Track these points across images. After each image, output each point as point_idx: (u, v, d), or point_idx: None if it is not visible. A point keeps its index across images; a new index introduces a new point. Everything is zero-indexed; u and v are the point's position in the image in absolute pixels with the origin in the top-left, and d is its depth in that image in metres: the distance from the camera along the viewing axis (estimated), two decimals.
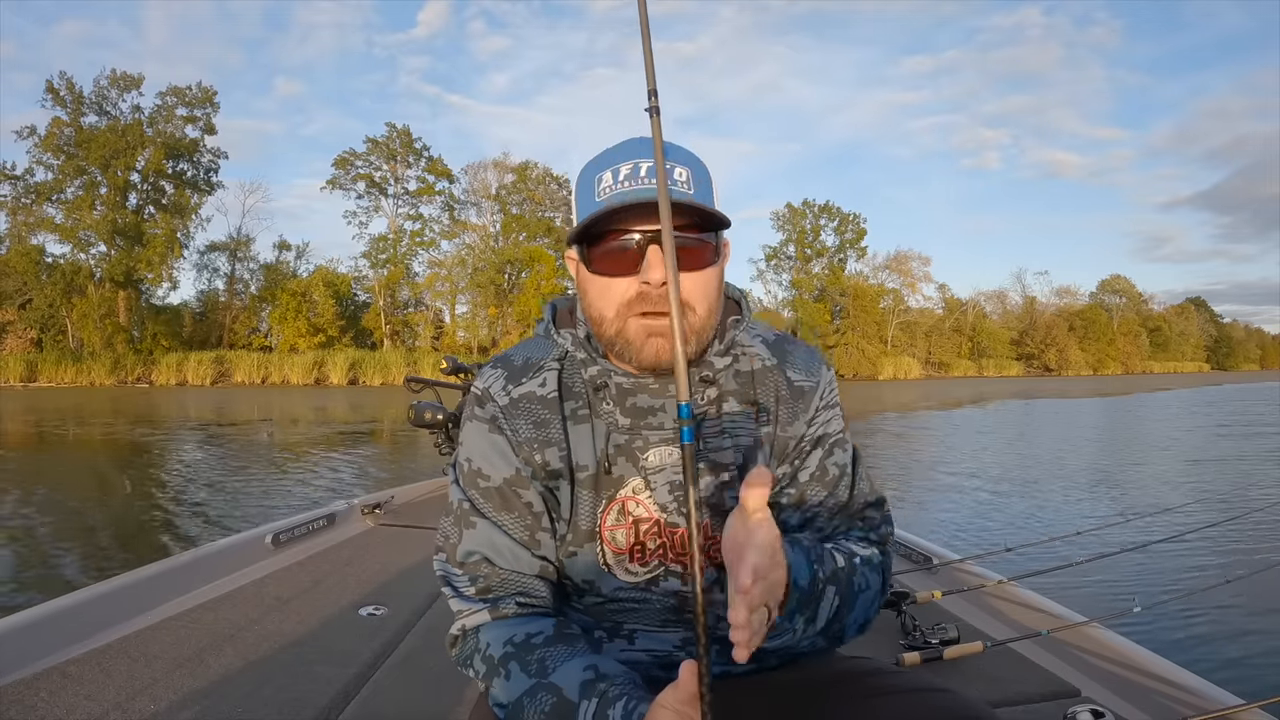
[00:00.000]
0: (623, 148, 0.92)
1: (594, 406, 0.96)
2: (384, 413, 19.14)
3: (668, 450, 0.94)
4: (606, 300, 0.90)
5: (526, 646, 0.87)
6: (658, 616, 0.97)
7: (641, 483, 0.95)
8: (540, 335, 1.02)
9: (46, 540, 5.81)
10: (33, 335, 38.49)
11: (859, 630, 0.96)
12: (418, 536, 3.14)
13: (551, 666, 0.84)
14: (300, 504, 6.99)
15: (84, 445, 12.72)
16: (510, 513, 0.94)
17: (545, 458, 0.95)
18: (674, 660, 0.97)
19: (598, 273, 0.90)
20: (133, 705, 1.63)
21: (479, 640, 0.91)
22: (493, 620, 0.92)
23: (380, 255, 45.54)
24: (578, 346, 0.97)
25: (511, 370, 0.98)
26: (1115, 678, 1.75)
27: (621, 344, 0.91)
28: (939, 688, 0.93)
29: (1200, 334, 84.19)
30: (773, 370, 1.00)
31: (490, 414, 0.96)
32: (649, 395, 0.95)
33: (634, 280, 0.88)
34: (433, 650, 2.02)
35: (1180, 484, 8.51)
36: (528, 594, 0.94)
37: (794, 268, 54.27)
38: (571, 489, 0.95)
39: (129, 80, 40.63)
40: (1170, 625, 3.70)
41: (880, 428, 16.09)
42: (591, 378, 0.96)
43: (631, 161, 0.89)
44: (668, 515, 0.95)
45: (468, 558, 0.94)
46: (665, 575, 0.95)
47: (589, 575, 0.96)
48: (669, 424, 0.94)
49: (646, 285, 0.87)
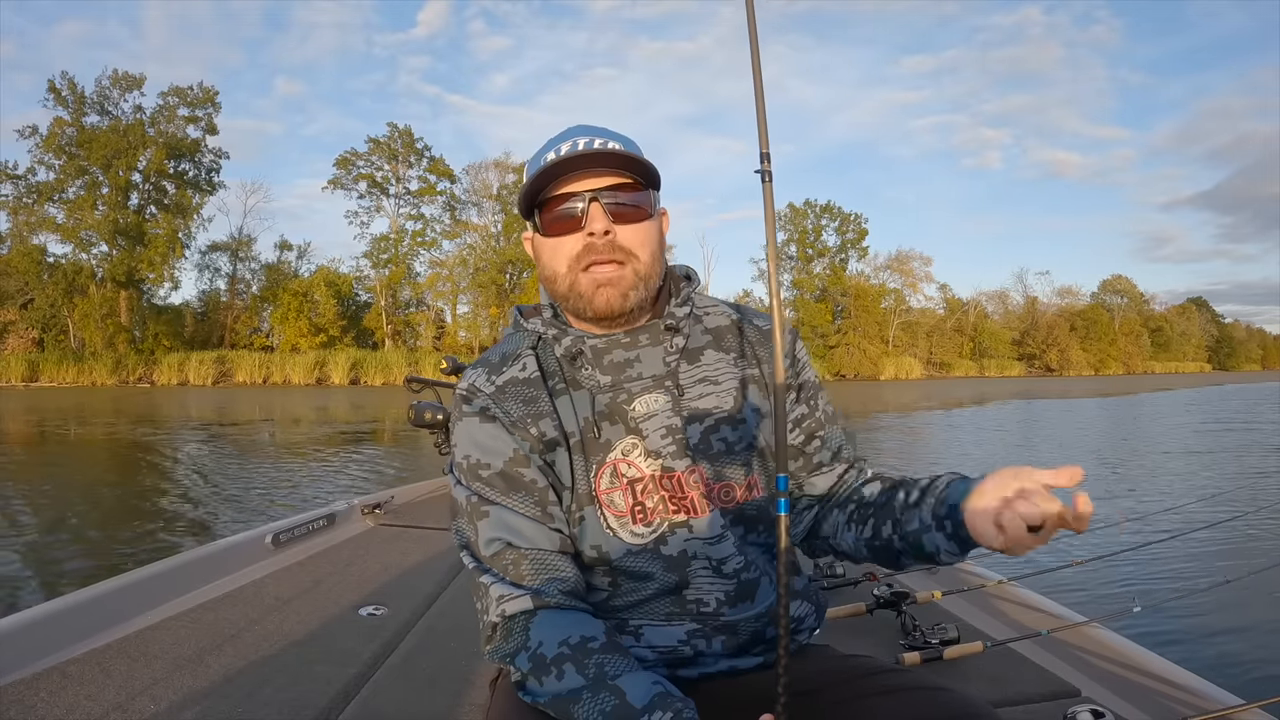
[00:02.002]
0: (564, 132, 1.02)
1: (570, 378, 1.02)
2: (385, 413, 19.15)
3: (652, 397, 1.00)
4: (559, 258, 0.99)
5: (583, 650, 0.87)
6: (663, 608, 0.98)
7: (630, 443, 0.99)
8: (509, 333, 1.09)
9: (47, 540, 5.82)
10: (34, 335, 38.54)
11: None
12: (418, 536, 3.14)
13: (612, 673, 0.85)
14: (301, 504, 6.99)
15: (85, 445, 12.74)
16: (518, 492, 0.97)
17: (541, 429, 0.99)
18: (680, 656, 0.98)
19: (550, 234, 0.99)
20: (133, 705, 1.63)
21: (528, 638, 0.90)
22: (536, 609, 0.92)
23: (382, 255, 45.62)
24: (548, 326, 1.04)
25: (491, 365, 1.04)
26: (1115, 678, 1.75)
27: (574, 298, 0.99)
28: (940, 687, 0.94)
29: (1202, 334, 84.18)
30: (738, 322, 1.11)
31: (479, 406, 1.01)
32: (623, 349, 1.02)
33: (580, 236, 0.97)
34: (433, 650, 2.02)
35: (1180, 484, 8.51)
36: (560, 575, 0.95)
37: (795, 268, 54.25)
38: (570, 456, 0.99)
39: (131, 80, 40.69)
40: (1170, 625, 3.70)
41: (882, 427, 16.08)
42: (566, 349, 1.02)
43: (571, 139, 0.99)
44: (664, 460, 0.99)
45: (490, 547, 0.96)
46: (671, 530, 0.98)
47: (596, 541, 0.98)
48: (646, 373, 1.01)
49: (591, 237, 0.96)
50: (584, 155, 0.96)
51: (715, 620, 0.98)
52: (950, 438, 14.52)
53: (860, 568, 2.45)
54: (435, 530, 3.22)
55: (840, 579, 2.40)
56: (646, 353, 1.01)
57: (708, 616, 0.98)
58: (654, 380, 1.01)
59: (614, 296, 0.97)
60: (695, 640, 0.98)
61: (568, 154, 0.97)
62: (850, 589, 2.36)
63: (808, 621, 1.07)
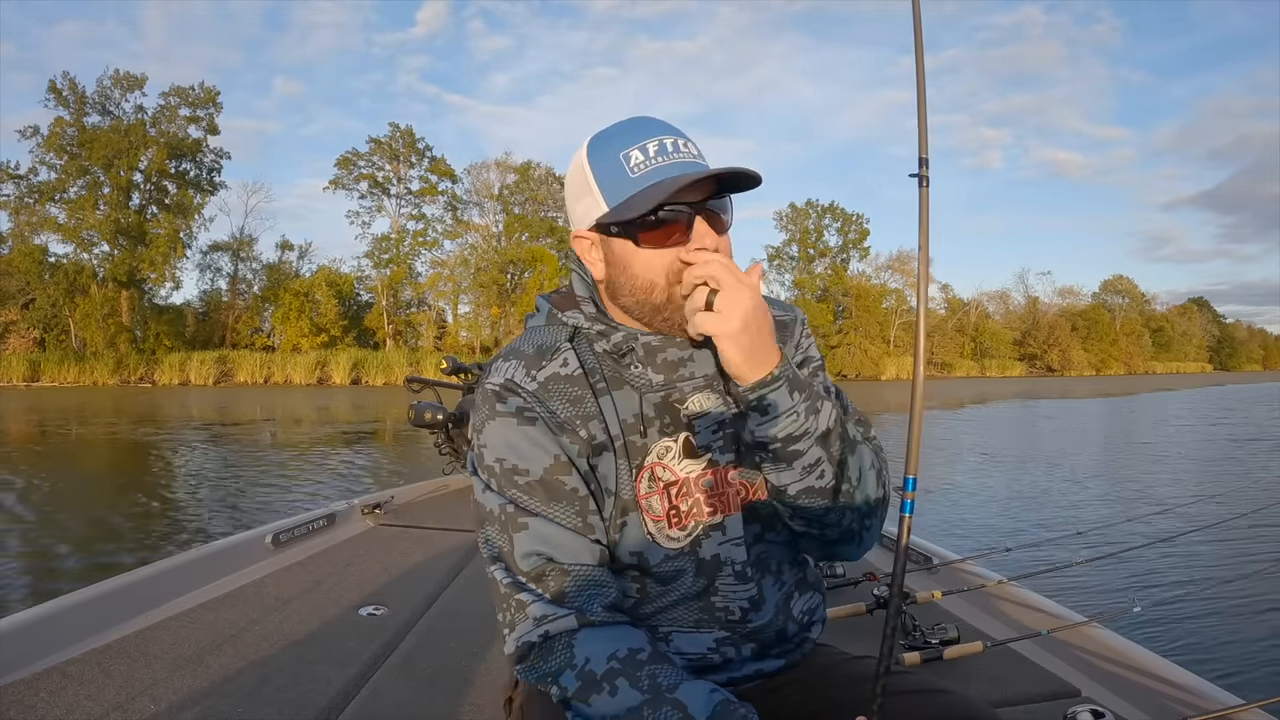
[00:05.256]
0: (635, 125, 0.96)
1: (610, 377, 0.98)
2: (386, 413, 19.15)
3: (704, 396, 0.99)
4: (654, 269, 0.94)
5: (633, 662, 0.84)
6: (691, 615, 0.98)
7: (664, 446, 0.97)
8: (540, 325, 1.03)
9: (47, 540, 5.83)
10: (36, 335, 38.57)
11: (866, 528, 1.03)
12: (418, 536, 3.15)
13: (666, 684, 0.82)
14: (301, 504, 7.00)
15: (86, 445, 12.75)
16: (559, 502, 0.92)
17: (590, 430, 0.95)
18: (709, 663, 0.98)
19: (647, 245, 0.94)
20: (133, 705, 1.63)
21: (574, 655, 0.86)
22: (581, 628, 0.88)
23: (383, 255, 45.59)
24: (592, 321, 0.99)
25: (527, 358, 0.97)
26: (1115, 678, 1.75)
27: (671, 309, 0.94)
28: (940, 688, 0.94)
29: (1203, 334, 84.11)
30: None
31: (515, 406, 0.94)
32: (677, 348, 0.98)
33: (682, 249, 0.93)
34: (433, 650, 2.02)
35: (1180, 483, 8.50)
36: (603, 591, 0.92)
37: (797, 268, 54.26)
38: (614, 460, 0.96)
39: (132, 80, 40.68)
40: (1170, 625, 3.70)
41: (883, 427, 16.06)
42: (616, 345, 0.97)
43: (656, 138, 0.94)
44: (713, 455, 0.98)
45: (529, 562, 0.91)
46: (705, 533, 0.97)
47: (636, 547, 0.96)
48: (699, 373, 0.99)
49: (700, 253, 0.92)
50: (717, 172, 0.91)
51: (743, 628, 0.98)
52: (951, 438, 14.50)
53: (860, 568, 2.45)
54: (435, 530, 3.23)
55: (840, 579, 2.40)
56: (700, 352, 0.99)
57: (735, 624, 0.98)
58: (705, 379, 0.99)
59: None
60: (725, 648, 0.98)
61: (666, 162, 0.92)
62: (850, 589, 2.36)
63: (818, 613, 1.08)
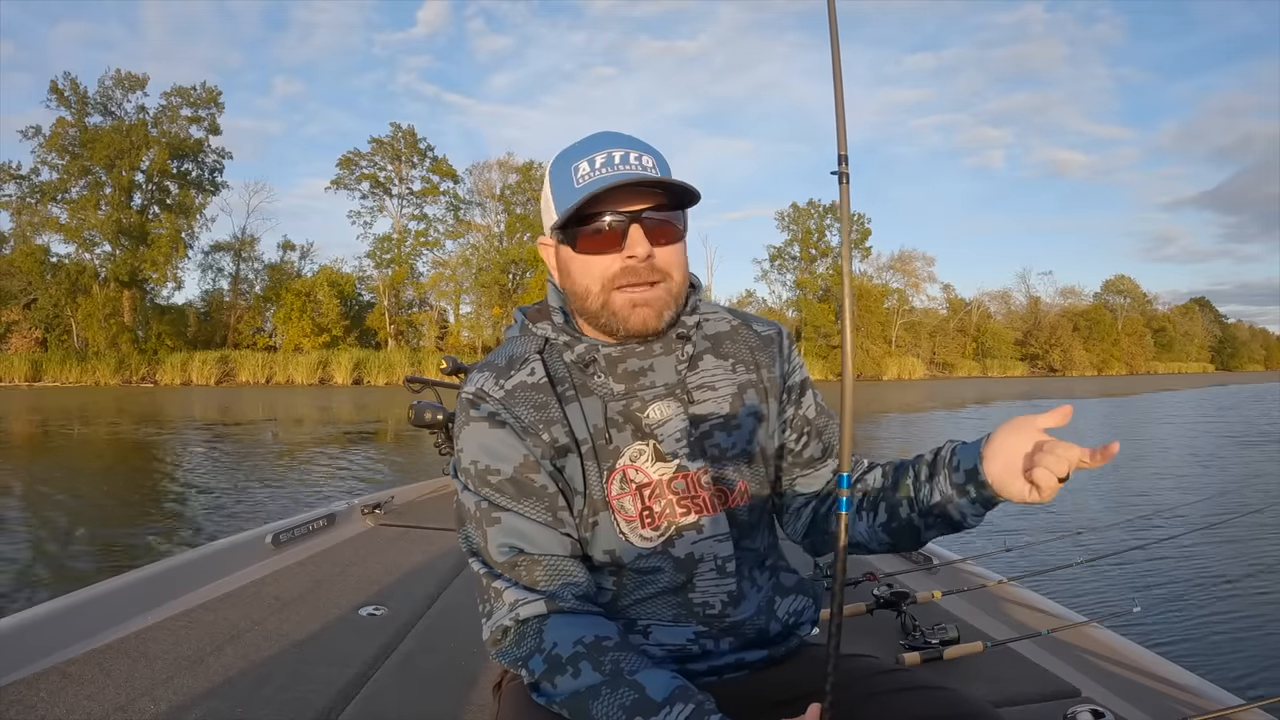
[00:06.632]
0: (593, 140, 1.00)
1: (579, 385, 1.02)
2: (388, 413, 19.16)
3: (664, 404, 1.02)
4: (591, 275, 0.98)
5: (598, 648, 0.88)
6: (669, 609, 1.01)
7: (638, 449, 1.00)
8: (515, 337, 1.08)
9: (48, 540, 5.84)
10: (38, 335, 38.63)
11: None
12: (418, 536, 3.15)
13: (628, 670, 0.86)
14: (302, 503, 7.00)
15: (88, 445, 12.76)
16: (529, 498, 0.97)
17: (553, 435, 0.99)
18: (688, 654, 1.00)
19: (584, 251, 0.98)
20: (133, 705, 1.64)
21: (542, 640, 0.91)
22: (550, 613, 0.92)
23: (384, 255, 45.66)
24: (559, 332, 1.03)
25: (498, 369, 1.02)
26: (1115, 678, 1.75)
27: (607, 315, 0.98)
28: (940, 686, 0.94)
29: (1205, 334, 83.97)
30: (738, 328, 1.12)
31: (487, 411, 0.99)
32: (637, 358, 1.02)
33: (617, 256, 0.96)
34: (433, 650, 2.02)
35: (1181, 484, 8.49)
36: (573, 580, 0.96)
37: (798, 268, 54.23)
38: (581, 462, 1.00)
39: (133, 80, 40.73)
40: (1170, 625, 3.70)
41: (884, 427, 16.06)
42: (580, 355, 1.01)
43: (605, 151, 0.97)
44: (679, 461, 1.01)
45: (502, 553, 0.96)
46: (679, 532, 1.00)
47: (610, 545, 0.99)
48: (659, 382, 1.02)
49: (631, 259, 0.96)
50: (633, 180, 0.94)
51: (721, 622, 1.00)
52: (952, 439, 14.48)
53: (860, 567, 2.45)
54: (435, 530, 3.23)
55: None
56: (660, 361, 1.02)
57: (714, 619, 1.00)
58: (665, 388, 1.02)
59: (650, 316, 0.98)
60: (703, 640, 1.00)
61: (609, 173, 0.95)
62: (850, 589, 2.35)
63: (806, 614, 1.09)
